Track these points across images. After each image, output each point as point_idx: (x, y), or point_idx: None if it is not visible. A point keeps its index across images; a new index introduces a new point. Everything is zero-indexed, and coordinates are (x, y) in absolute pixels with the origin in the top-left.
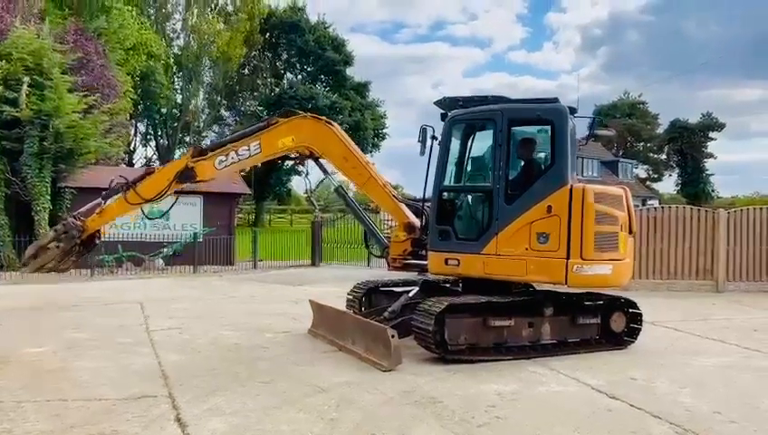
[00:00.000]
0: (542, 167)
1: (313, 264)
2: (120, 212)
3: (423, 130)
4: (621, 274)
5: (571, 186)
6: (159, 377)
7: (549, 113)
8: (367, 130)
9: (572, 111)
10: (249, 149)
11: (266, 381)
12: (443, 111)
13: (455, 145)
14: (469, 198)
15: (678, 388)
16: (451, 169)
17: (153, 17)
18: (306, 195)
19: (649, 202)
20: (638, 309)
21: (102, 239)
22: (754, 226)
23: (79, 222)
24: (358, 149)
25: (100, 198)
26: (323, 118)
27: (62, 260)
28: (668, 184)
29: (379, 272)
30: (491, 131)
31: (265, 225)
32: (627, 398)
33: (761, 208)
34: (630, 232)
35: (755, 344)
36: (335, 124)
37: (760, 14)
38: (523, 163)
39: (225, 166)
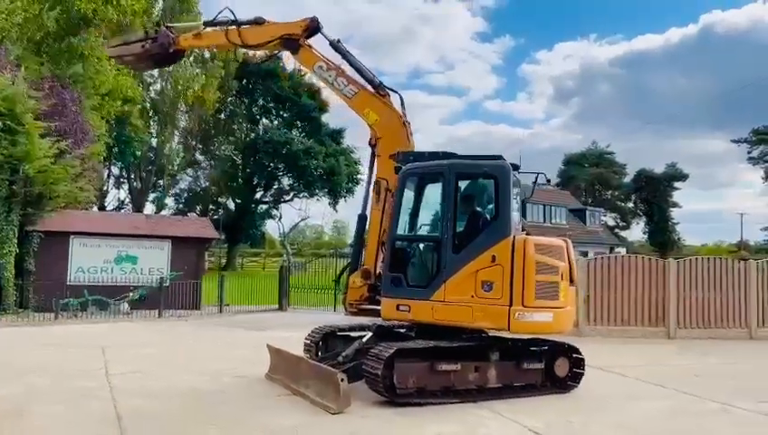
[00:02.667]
0: (488, 219)
1: (280, 308)
2: (214, 41)
3: (377, 183)
4: (562, 321)
5: (514, 237)
6: (114, 421)
7: (493, 169)
8: (341, 176)
9: (515, 167)
10: (345, 87)
11: (218, 424)
12: (397, 165)
13: (407, 196)
14: (420, 246)
15: (611, 431)
16: (404, 218)
17: None
18: (280, 239)
19: (617, 250)
20: (581, 355)
21: (68, 283)
22: (703, 275)
23: (173, 35)
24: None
25: (201, 23)
26: (409, 123)
27: (139, 60)
28: (636, 232)
29: (346, 318)
30: (440, 185)
31: (237, 269)
32: None
33: (709, 258)
34: (571, 282)
35: (693, 389)
36: (412, 139)
37: (725, 69)
38: (469, 215)
39: (321, 76)
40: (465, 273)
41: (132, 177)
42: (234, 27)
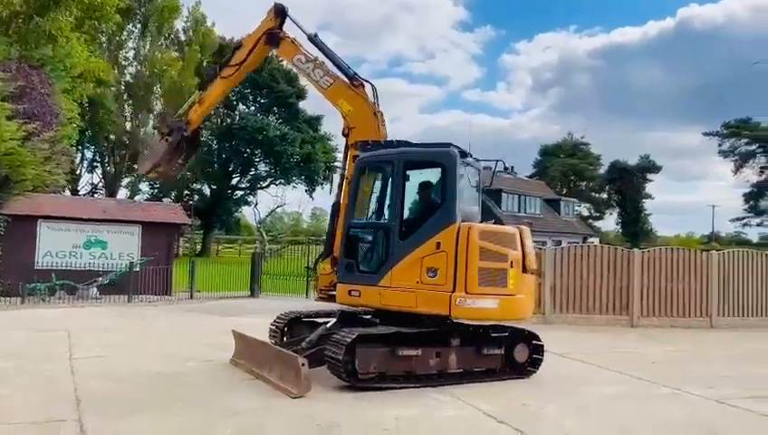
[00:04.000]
0: (435, 206)
1: (252, 295)
2: (220, 91)
3: (332, 170)
4: (512, 308)
5: (459, 224)
6: (73, 402)
7: (439, 156)
8: (318, 163)
9: (464, 154)
10: (321, 78)
11: (179, 405)
12: (355, 154)
13: (362, 185)
14: (371, 234)
15: (563, 413)
16: (358, 206)
17: (105, 45)
18: (256, 225)
19: (590, 240)
20: (541, 341)
21: (36, 267)
22: (667, 265)
23: (183, 120)
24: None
25: (196, 93)
26: (381, 112)
27: (170, 161)
28: (610, 222)
29: (317, 304)
30: (390, 173)
31: (213, 255)
32: (513, 422)
33: (671, 249)
34: (525, 270)
35: (649, 375)
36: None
37: (700, 63)
38: (418, 203)
39: (299, 68)
40: (411, 259)
41: (106, 161)
42: (226, 69)
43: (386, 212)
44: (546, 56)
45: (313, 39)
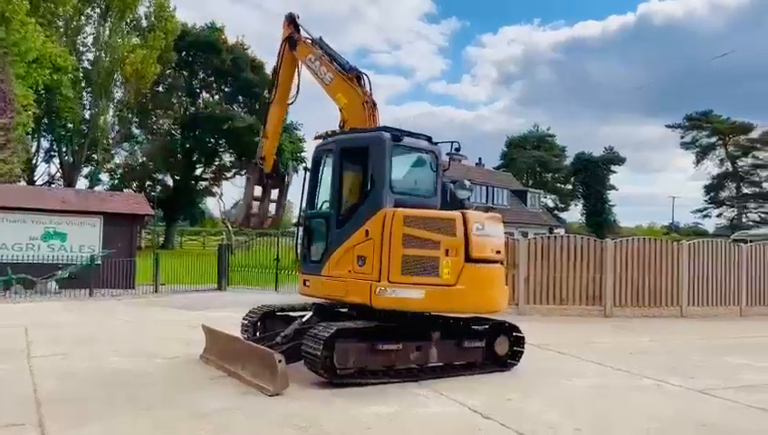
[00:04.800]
0: (366, 193)
1: (219, 288)
2: (277, 117)
3: (299, 161)
4: (447, 299)
5: (386, 210)
6: (33, 405)
7: (368, 141)
8: (284, 154)
9: (396, 138)
10: (325, 75)
11: (145, 407)
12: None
13: (315, 175)
14: (317, 224)
15: (548, 407)
16: (313, 197)
17: (62, 30)
18: (222, 217)
19: (556, 230)
20: (521, 333)
21: None
22: (639, 255)
23: (259, 161)
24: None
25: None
26: (372, 102)
27: (262, 201)
28: (575, 213)
29: (287, 297)
30: (331, 161)
31: (176, 247)
32: (498, 417)
33: (644, 239)
34: (470, 259)
35: (627, 366)
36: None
37: (661, 57)
38: (354, 190)
39: (309, 66)
40: (344, 248)
41: (64, 150)
42: (272, 94)
43: (328, 202)
44: (511, 49)
45: (318, 41)
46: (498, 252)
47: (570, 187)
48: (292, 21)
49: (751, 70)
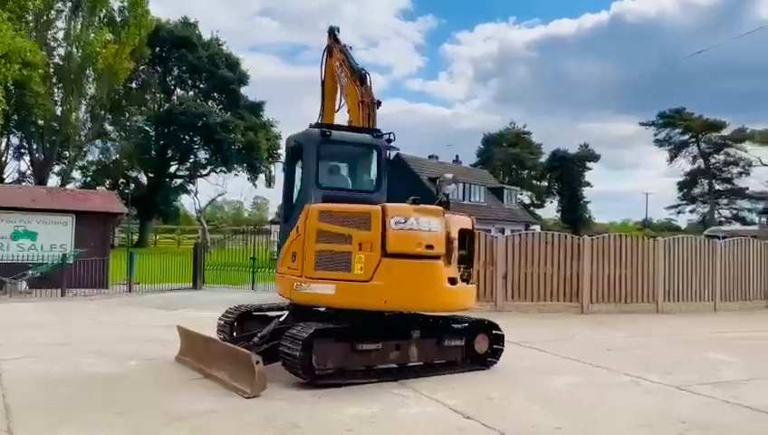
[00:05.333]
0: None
1: (194, 287)
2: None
3: (275, 159)
4: (360, 295)
5: (308, 207)
6: (1, 411)
7: (301, 139)
8: (260, 150)
9: (324, 134)
10: (342, 79)
11: (120, 411)
12: None
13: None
14: (283, 221)
15: (529, 406)
16: (288, 194)
17: (32, 24)
18: (196, 215)
19: (532, 227)
20: (501, 331)
21: None
22: (616, 252)
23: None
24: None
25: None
26: (370, 102)
27: None
28: (551, 210)
29: (263, 296)
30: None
31: (150, 245)
32: (480, 417)
33: (621, 236)
34: (386, 253)
35: (606, 362)
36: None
37: (634, 55)
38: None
39: (336, 73)
40: (287, 245)
41: (35, 147)
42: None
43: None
44: (487, 47)
45: (343, 47)
46: (430, 246)
47: (546, 184)
48: (331, 33)
49: (722, 68)
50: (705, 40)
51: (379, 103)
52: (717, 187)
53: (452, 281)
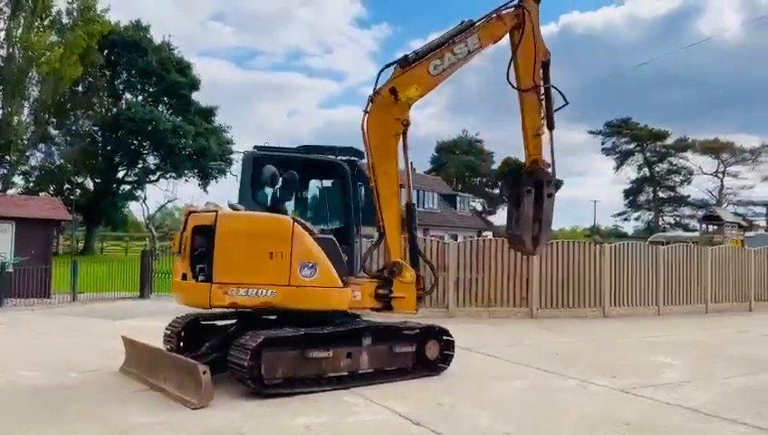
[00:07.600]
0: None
1: (142, 296)
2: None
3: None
4: (177, 292)
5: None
6: None
7: (243, 157)
8: (212, 156)
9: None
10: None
11: (63, 423)
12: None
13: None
14: None
15: (478, 411)
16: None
17: None
18: (146, 221)
19: (484, 233)
20: (451, 337)
21: None
22: (563, 258)
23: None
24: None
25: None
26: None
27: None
28: (502, 217)
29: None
30: None
31: (97, 253)
32: (430, 424)
33: (569, 242)
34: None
35: (554, 367)
36: None
37: (583, 66)
38: None
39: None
40: None
41: None
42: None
43: None
44: None
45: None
46: (176, 245)
47: (498, 191)
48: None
49: (665, 79)
50: (650, 51)
51: None
52: (661, 194)
53: (184, 276)
